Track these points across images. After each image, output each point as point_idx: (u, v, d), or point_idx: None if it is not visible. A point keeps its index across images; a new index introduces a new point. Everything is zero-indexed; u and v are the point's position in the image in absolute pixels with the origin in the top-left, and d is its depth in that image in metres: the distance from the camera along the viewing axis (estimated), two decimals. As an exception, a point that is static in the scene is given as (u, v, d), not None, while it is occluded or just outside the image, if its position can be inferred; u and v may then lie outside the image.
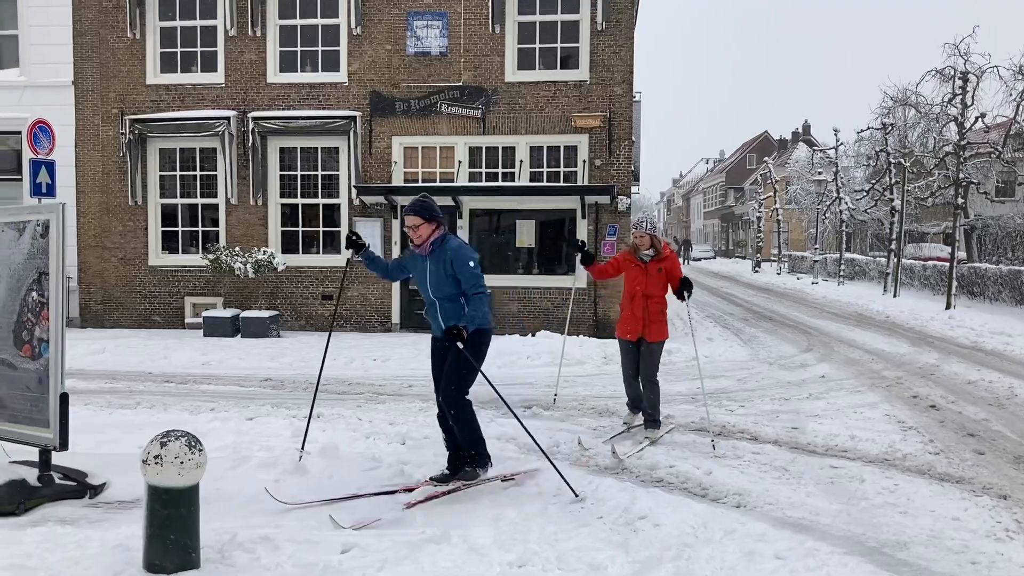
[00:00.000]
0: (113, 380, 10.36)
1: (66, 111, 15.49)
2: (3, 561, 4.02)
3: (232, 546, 4.20)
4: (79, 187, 15.63)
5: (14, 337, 5.43)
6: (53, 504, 5.02)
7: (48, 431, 5.12)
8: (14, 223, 5.48)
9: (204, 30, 15.56)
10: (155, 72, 15.58)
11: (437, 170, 15.32)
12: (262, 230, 15.50)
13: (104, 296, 15.79)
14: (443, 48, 15.01)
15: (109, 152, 15.63)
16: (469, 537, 4.54)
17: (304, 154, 15.57)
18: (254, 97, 15.34)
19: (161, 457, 3.88)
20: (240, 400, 9.08)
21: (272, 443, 6.75)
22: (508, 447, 6.79)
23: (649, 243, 7.38)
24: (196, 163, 15.74)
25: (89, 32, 15.57)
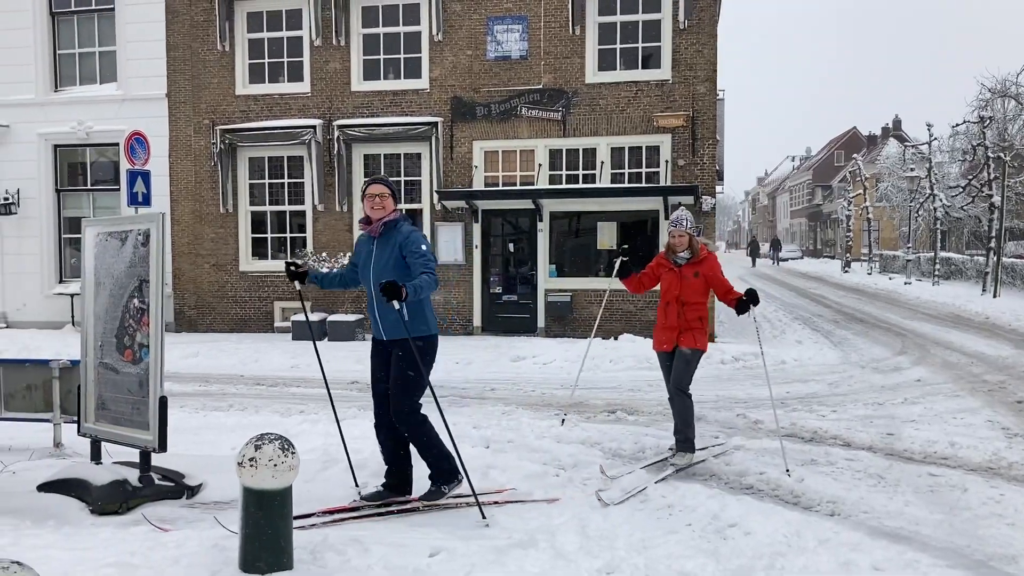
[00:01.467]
0: (206, 383, 10.68)
1: (160, 123, 16.08)
2: (109, 558, 4.17)
3: (324, 547, 4.27)
4: (173, 196, 16.19)
5: (117, 342, 5.65)
6: (153, 504, 5.19)
7: (148, 433, 5.31)
8: (117, 233, 5.69)
9: (290, 41, 15.95)
10: (244, 83, 16.03)
11: (517, 173, 15.36)
12: (347, 235, 15.79)
13: (197, 301, 16.31)
14: (523, 52, 15.05)
15: (201, 161, 16.15)
16: (556, 543, 4.52)
17: (387, 160, 15.80)
18: (339, 105, 15.65)
19: (256, 460, 3.97)
20: (328, 403, 9.25)
21: (359, 445, 6.83)
22: (593, 452, 6.74)
23: (687, 243, 6.56)
24: (284, 171, 16.14)
25: (181, 46, 16.12)
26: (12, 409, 6.77)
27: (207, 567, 4.10)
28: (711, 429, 7.78)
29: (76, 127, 16.35)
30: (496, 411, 8.62)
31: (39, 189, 16.70)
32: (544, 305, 15.22)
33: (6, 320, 16.87)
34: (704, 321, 6.58)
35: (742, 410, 8.60)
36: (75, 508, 5.09)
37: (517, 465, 6.18)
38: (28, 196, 16.68)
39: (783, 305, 22.32)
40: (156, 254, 5.36)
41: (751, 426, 7.90)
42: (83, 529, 4.74)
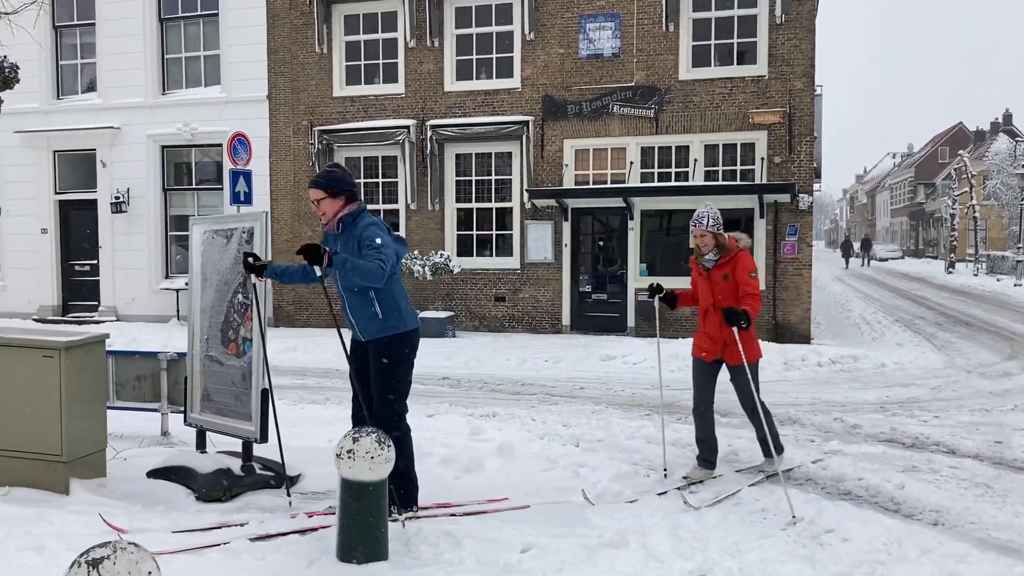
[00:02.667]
0: (304, 376, 10.99)
1: (261, 124, 16.60)
2: (214, 543, 4.35)
3: (417, 539, 4.35)
4: (272, 195, 16.70)
5: (222, 336, 5.87)
6: (254, 492, 5.38)
7: (250, 424, 5.50)
8: (223, 231, 5.91)
9: (386, 43, 16.25)
10: (341, 85, 16.41)
11: (608, 171, 15.29)
12: (439, 234, 16.00)
13: (295, 297, 16.78)
14: (615, 49, 14.97)
15: (300, 161, 16.60)
16: (647, 543, 4.49)
17: (479, 159, 15.95)
18: (432, 106, 15.87)
19: (353, 452, 4.07)
20: (420, 397, 9.39)
21: (451, 440, 6.94)
22: (685, 453, 6.66)
23: (712, 244, 5.87)
24: (378, 170, 16.46)
25: (281, 49, 16.61)
26: (123, 398, 7.09)
27: (305, 555, 4.22)
28: (807, 432, 7.60)
29: (182, 128, 17.02)
30: (586, 410, 8.61)
31: (147, 188, 17.45)
32: (634, 304, 15.11)
33: (116, 313, 17.68)
34: (753, 327, 5.82)
35: (839, 414, 8.37)
36: (182, 494, 5.31)
37: (608, 464, 6.17)
38: (137, 195, 17.45)
39: (883, 307, 21.60)
40: (259, 251, 5.54)
41: (848, 430, 7.69)
42: (189, 515, 4.95)
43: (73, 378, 5.24)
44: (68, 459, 5.23)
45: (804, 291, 14.49)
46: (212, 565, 4.05)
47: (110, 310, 17.77)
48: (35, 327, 14.35)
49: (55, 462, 5.22)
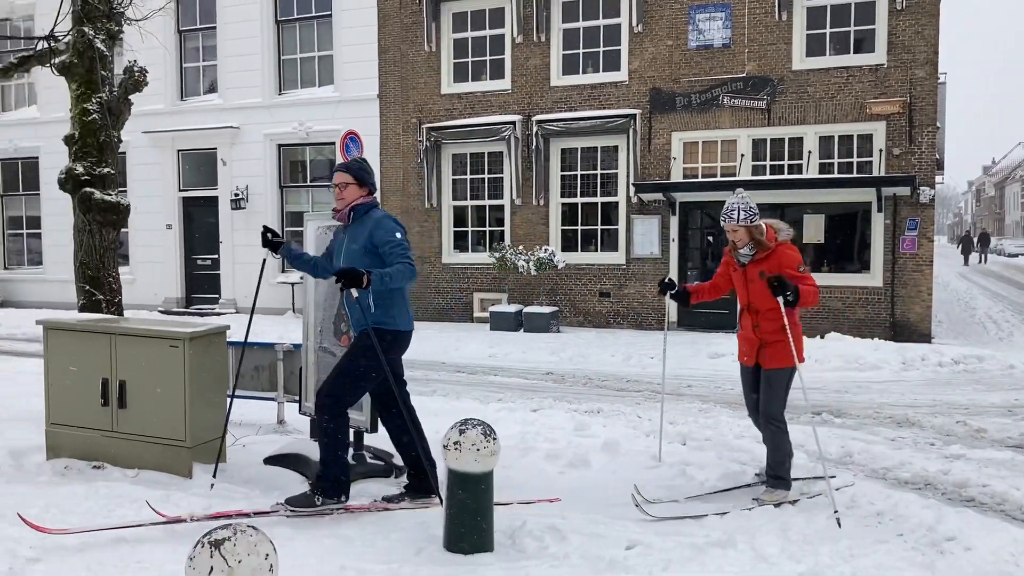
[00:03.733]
0: (411, 368, 11.16)
1: (372, 122, 16.98)
2: (327, 529, 4.49)
3: (522, 533, 4.38)
4: (382, 192, 17.06)
5: (334, 328, 6.05)
6: (365, 481, 5.51)
7: (361, 414, 5.64)
8: (336, 227, 6.07)
9: (493, 39, 16.37)
10: (449, 82, 16.63)
11: (718, 164, 15.00)
12: (544, 229, 16.03)
13: (403, 291, 17.09)
14: (726, 40, 14.65)
15: (408, 159, 16.91)
16: (756, 545, 4.39)
17: (584, 154, 15.89)
18: (538, 101, 15.90)
19: (460, 443, 4.13)
20: (524, 392, 9.46)
21: (555, 435, 6.95)
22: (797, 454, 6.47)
23: (746, 238, 5.33)
24: (484, 166, 16.61)
25: (392, 48, 16.94)
26: (242, 388, 7.36)
27: (413, 543, 4.31)
28: (926, 435, 7.29)
29: (297, 127, 17.59)
30: (693, 408, 8.48)
31: (265, 185, 18.11)
32: (743, 300, 14.77)
33: (236, 306, 18.43)
34: (785, 332, 5.23)
35: (962, 417, 7.99)
36: (296, 481, 5.50)
37: (716, 463, 6.07)
38: (256, 192, 18.14)
39: (1010, 305, 20.47)
40: (369, 246, 5.68)
41: (972, 434, 7.33)
42: (303, 500, 5.10)
43: (196, 367, 5.49)
44: (191, 444, 5.49)
45: (924, 288, 13.87)
46: (325, 550, 4.18)
47: (230, 303, 18.54)
48: (160, 318, 15.11)
49: (179, 447, 5.48)
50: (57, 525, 4.49)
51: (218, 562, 2.54)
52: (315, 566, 3.94)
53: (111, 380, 5.61)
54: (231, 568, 2.54)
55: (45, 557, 4.09)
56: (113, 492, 5.12)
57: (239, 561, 2.55)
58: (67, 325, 5.97)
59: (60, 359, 5.85)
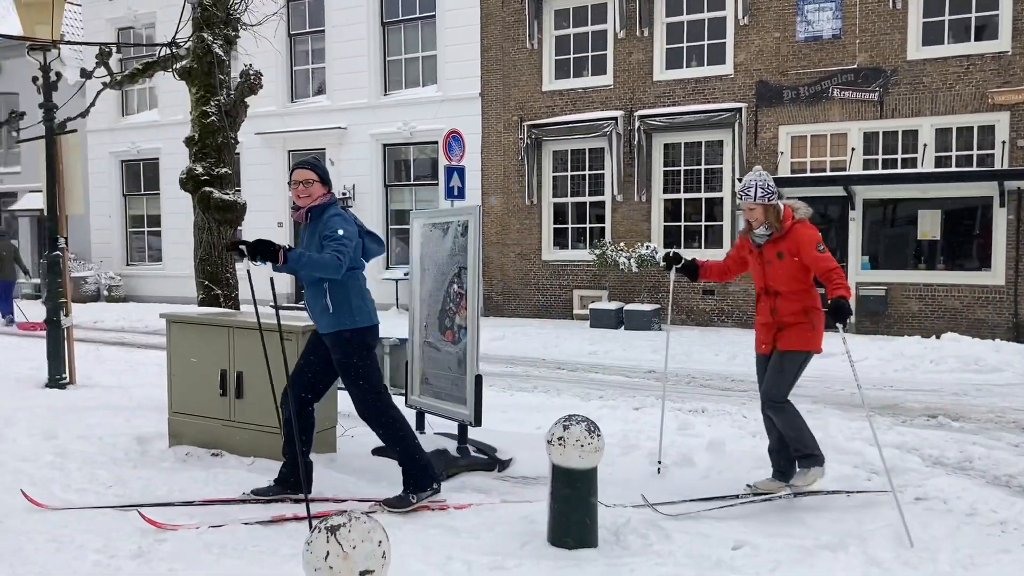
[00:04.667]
0: (512, 364, 11.28)
1: (474, 121, 17.17)
2: (434, 520, 4.58)
3: (626, 530, 4.37)
4: (484, 189, 17.24)
5: (439, 323, 6.16)
6: (469, 474, 5.60)
7: (465, 408, 5.73)
8: (440, 224, 6.20)
9: (595, 35, 16.31)
10: (550, 79, 16.66)
11: (827, 159, 14.56)
12: (645, 225, 15.89)
13: (504, 288, 17.26)
14: (836, 30, 14.20)
15: (509, 156, 17.03)
16: (868, 549, 4.25)
17: (687, 149, 15.68)
18: (640, 96, 15.76)
19: (564, 439, 4.15)
20: (626, 390, 9.41)
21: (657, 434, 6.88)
22: (910, 458, 6.25)
23: (762, 217, 5.07)
24: (585, 163, 16.58)
25: (494, 47, 17.08)
26: (350, 380, 7.58)
27: (517, 536, 4.35)
28: (1054, 442, 6.89)
29: (402, 127, 17.95)
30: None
31: (370, 184, 18.56)
32: (855, 300, 14.30)
33: (342, 301, 18.92)
34: (812, 314, 5.08)
35: (1094, 423, 7.54)
36: (402, 472, 5.62)
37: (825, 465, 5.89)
38: (362, 191, 18.60)
39: None
40: (474, 244, 5.78)
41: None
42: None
43: (308, 359, 5.67)
44: (303, 434, 5.67)
45: (1052, 287, 13.15)
46: (432, 540, 4.27)
47: (336, 298, 19.05)
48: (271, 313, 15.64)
49: (292, 436, 5.67)
50: (179, 510, 4.73)
51: (334, 547, 2.63)
52: (422, 555, 4.02)
53: (229, 371, 5.87)
54: (346, 553, 2.62)
55: (171, 538, 4.31)
56: (231, 479, 5.36)
57: (353, 547, 2.64)
58: (188, 319, 6.27)
59: (182, 351, 6.14)
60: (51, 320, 9.18)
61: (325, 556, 2.62)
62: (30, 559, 4.03)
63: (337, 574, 2.61)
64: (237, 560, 4.04)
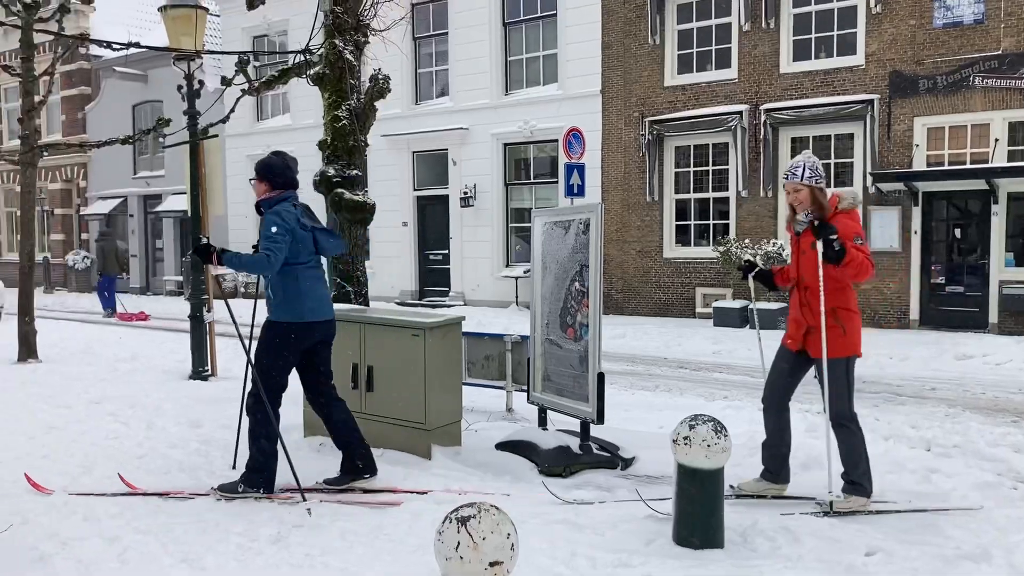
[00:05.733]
0: (633, 363, 11.22)
1: (594, 118, 17.13)
2: (558, 515, 4.63)
3: (753, 532, 4.30)
4: (604, 186, 17.18)
5: (560, 321, 6.20)
6: (591, 471, 5.62)
7: (588, 405, 5.75)
8: (561, 222, 6.24)
9: (718, 28, 16.00)
10: (672, 74, 16.45)
11: (967, 151, 13.81)
12: (771, 222, 15.48)
13: (623, 286, 17.15)
14: (978, 15, 13.45)
15: (630, 153, 16.91)
16: (1015, 561, 4.04)
17: (816, 142, 15.16)
18: (766, 89, 15.36)
19: (690, 439, 4.12)
20: (752, 391, 9.20)
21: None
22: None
23: (808, 201, 4.79)
24: (708, 158, 16.29)
25: (615, 43, 16.99)
26: (473, 376, 7.73)
27: (641, 535, 4.35)
28: None
29: (522, 126, 18.09)
30: (938, 412, 7.90)
31: (491, 183, 18.79)
32: (998, 298, 13.52)
33: (464, 299, 19.26)
34: (841, 314, 4.76)
35: None
36: (525, 467, 5.69)
37: (965, 472, 5.62)
38: (482, 190, 18.85)
39: None
40: (596, 241, 5.79)
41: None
42: (533, 486, 5.29)
43: (435, 355, 5.83)
44: (430, 427, 5.83)
45: None
46: (556, 535, 4.31)
47: (458, 295, 19.41)
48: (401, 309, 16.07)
49: (420, 430, 5.84)
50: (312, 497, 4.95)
51: (464, 538, 2.70)
52: (547, 550, 4.07)
53: (360, 365, 6.08)
54: (476, 544, 2.69)
55: (306, 523, 4.51)
56: (362, 469, 5.55)
57: (483, 538, 2.70)
58: (322, 314, 6.51)
59: (316, 345, 6.39)
60: (194, 316, 9.73)
61: (456, 546, 2.70)
62: (179, 539, 4.30)
63: (467, 564, 2.68)
64: (367, 548, 4.19)
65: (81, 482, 5.33)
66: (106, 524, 4.51)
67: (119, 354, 11.38)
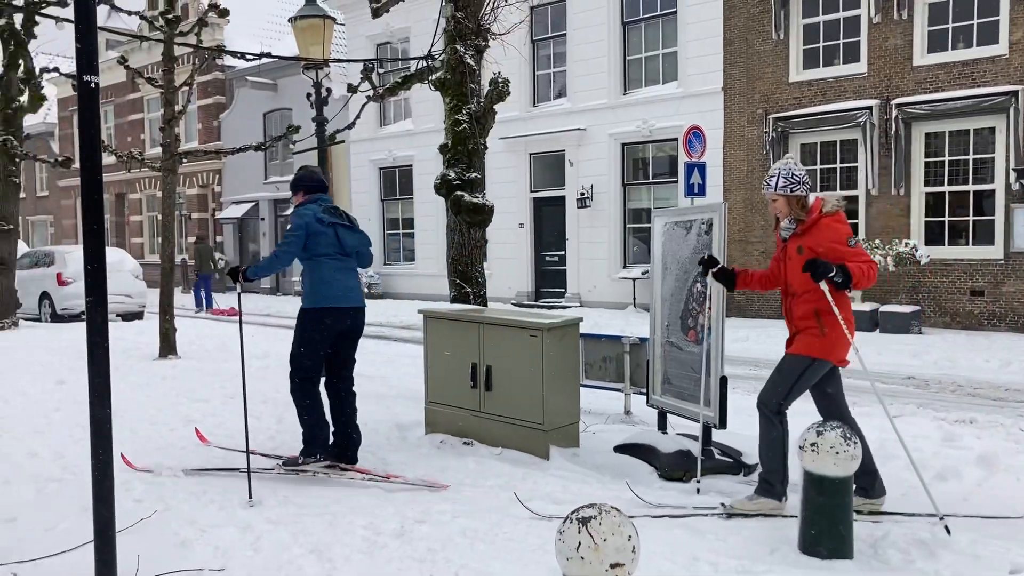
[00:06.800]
0: (756, 367, 10.93)
1: (715, 116, 16.80)
2: (678, 519, 4.56)
3: (885, 543, 4.12)
4: (725, 186, 16.83)
5: (681, 323, 6.11)
6: (712, 476, 5.50)
7: (709, 409, 5.64)
8: (682, 222, 6.15)
9: (846, 21, 15.42)
10: (797, 69, 15.96)
11: (1124, 144, 12.85)
12: (903, 221, 14.81)
13: (746, 287, 16.73)
14: None
15: (753, 151, 16.51)
16: None
17: (952, 138, 14.42)
18: (898, 83, 14.71)
19: (817, 445, 3.99)
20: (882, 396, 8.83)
21: (919, 444, 6.40)
22: None
23: (785, 209, 4.70)
24: (835, 156, 15.72)
25: (737, 39, 16.62)
26: (591, 377, 7.71)
27: (766, 542, 4.24)
28: None
29: (641, 126, 17.92)
30: None
31: (608, 184, 18.69)
32: None
33: (580, 300, 19.24)
34: (826, 316, 4.59)
35: None
36: (644, 470, 5.64)
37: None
38: (600, 191, 18.77)
39: None
40: (718, 242, 5.67)
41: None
42: (652, 489, 5.23)
43: (553, 356, 5.85)
44: (548, 428, 5.85)
45: None
46: (676, 539, 4.25)
47: (574, 296, 19.40)
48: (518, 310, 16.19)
49: (537, 430, 5.87)
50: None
51: (585, 538, 2.70)
52: (667, 554, 4.02)
53: (479, 365, 6.16)
54: (597, 545, 2.68)
55: (428, 519, 4.60)
56: (482, 467, 5.64)
57: (604, 540, 2.69)
58: (443, 314, 6.65)
59: (437, 344, 6.52)
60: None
61: (577, 546, 2.69)
62: (307, 530, 4.46)
63: (588, 564, 2.68)
64: (488, 546, 4.24)
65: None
66: (240, 514, 4.73)
67: (252, 351, 11.88)
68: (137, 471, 5.51)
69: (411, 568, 3.98)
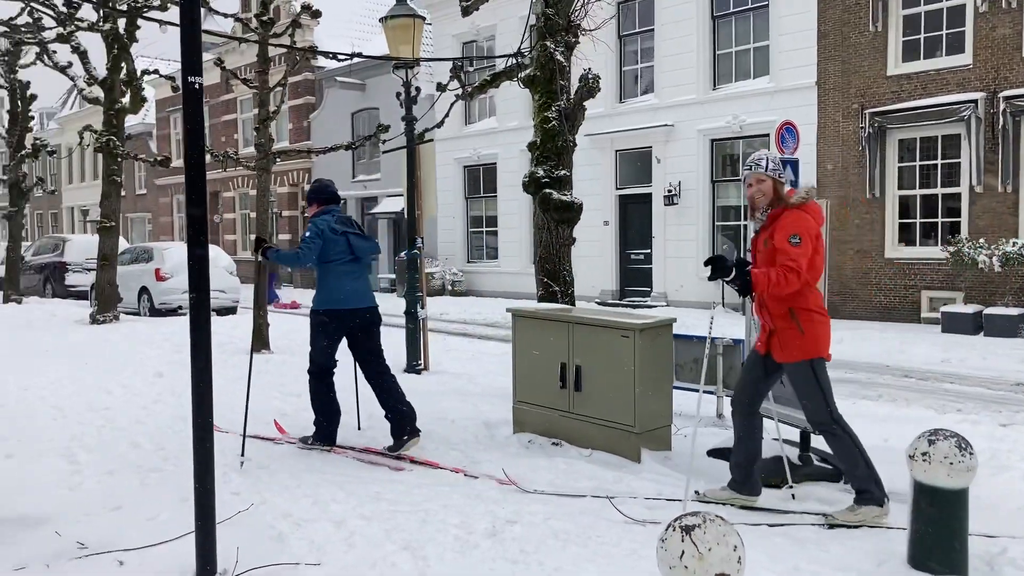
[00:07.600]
0: (853, 370, 10.57)
1: (808, 111, 16.32)
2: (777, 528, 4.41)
3: (1002, 561, 3.90)
4: (819, 182, 16.32)
5: (778, 324, 5.91)
6: (811, 483, 5.32)
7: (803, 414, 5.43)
8: (780, 219, 5.94)
9: (950, 11, 14.78)
10: (896, 62, 15.38)
11: None
12: (1011, 219, 14.12)
13: (840, 287, 16.23)
14: None
15: (848, 147, 15.98)
16: None
17: (1065, 132, 13.68)
18: (1006, 75, 14.03)
19: (929, 455, 3.80)
20: (989, 403, 8.44)
21: (1030, 454, 6.09)
22: None
23: (771, 193, 4.63)
24: (936, 152, 15.09)
25: (832, 32, 16.12)
26: (681, 379, 7.53)
27: (871, 553, 4.06)
28: None
29: (731, 121, 17.55)
30: None
31: (697, 181, 18.36)
32: None
33: (666, 299, 18.96)
34: (800, 314, 4.52)
35: None
36: (740, 475, 5.47)
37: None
38: (687, 188, 18.47)
39: None
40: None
41: None
42: (749, 496, 5.07)
43: (645, 357, 5.74)
44: (639, 430, 5.75)
45: None
46: (777, 548, 4.11)
47: (661, 296, 19.13)
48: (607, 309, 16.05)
49: (628, 432, 5.77)
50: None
51: (689, 547, 2.61)
52: (767, 563, 3.89)
53: (568, 364, 6.09)
54: (701, 555, 2.60)
55: (520, 520, 4.56)
56: (571, 468, 5.58)
57: (709, 549, 2.60)
58: (531, 313, 6.61)
59: (525, 343, 6.48)
60: (409, 312, 10.15)
61: (680, 555, 2.61)
62: (400, 527, 4.47)
63: (692, 574, 2.59)
64: (581, 549, 4.17)
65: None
66: (333, 508, 4.77)
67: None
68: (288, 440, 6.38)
69: (504, 569, 3.95)
